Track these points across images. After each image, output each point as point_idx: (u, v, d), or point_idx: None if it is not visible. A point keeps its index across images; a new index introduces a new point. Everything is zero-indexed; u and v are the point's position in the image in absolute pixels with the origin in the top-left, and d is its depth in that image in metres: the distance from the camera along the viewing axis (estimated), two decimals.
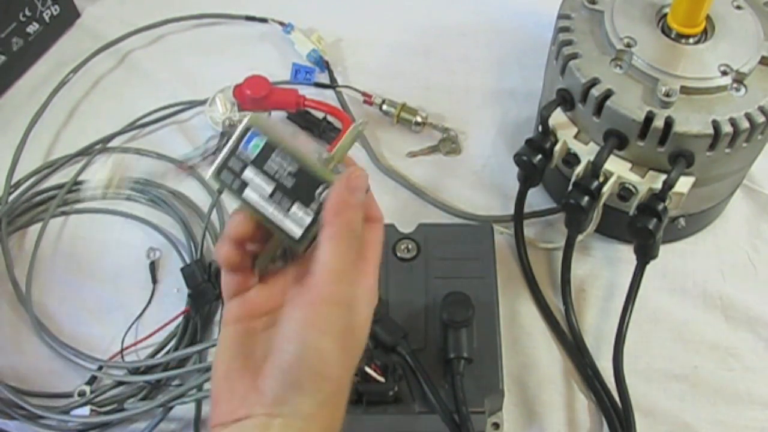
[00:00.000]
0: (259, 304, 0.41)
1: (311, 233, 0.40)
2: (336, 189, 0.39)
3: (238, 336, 0.41)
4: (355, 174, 0.40)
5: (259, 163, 0.40)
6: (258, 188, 0.40)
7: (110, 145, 0.79)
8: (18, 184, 0.76)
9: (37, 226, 0.74)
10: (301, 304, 0.38)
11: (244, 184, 0.40)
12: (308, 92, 0.78)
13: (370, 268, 0.42)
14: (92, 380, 0.64)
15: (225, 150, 0.41)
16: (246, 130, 0.41)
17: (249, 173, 0.40)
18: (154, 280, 0.70)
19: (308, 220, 0.40)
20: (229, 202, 0.74)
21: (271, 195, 0.40)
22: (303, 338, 0.37)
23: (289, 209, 0.40)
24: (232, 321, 0.41)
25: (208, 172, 0.41)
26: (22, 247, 0.73)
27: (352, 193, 0.39)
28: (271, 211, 0.40)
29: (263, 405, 0.37)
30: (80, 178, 0.77)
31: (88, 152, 0.78)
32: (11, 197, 0.75)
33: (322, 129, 0.77)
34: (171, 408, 0.62)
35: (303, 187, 0.40)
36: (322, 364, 0.38)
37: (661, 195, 0.57)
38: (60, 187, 0.75)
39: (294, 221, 0.40)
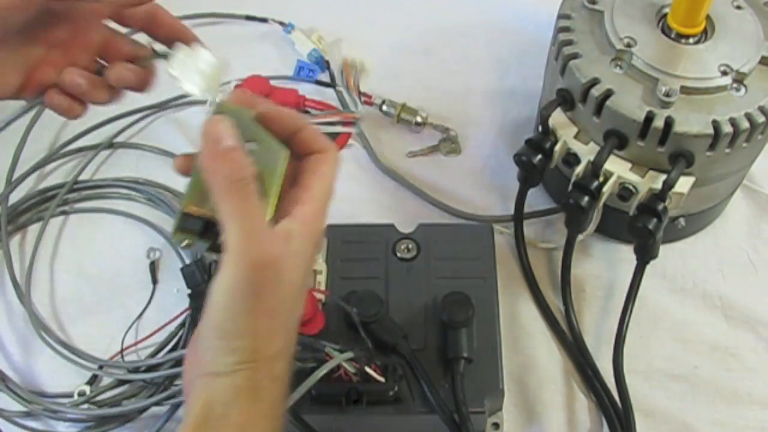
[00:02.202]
0: None
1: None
2: (202, 150, 0.38)
3: None
4: (211, 125, 0.39)
5: None
6: None
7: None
8: (18, 181, 0.76)
9: (38, 226, 0.74)
10: (220, 267, 0.38)
11: None
12: (308, 92, 0.78)
13: (308, 195, 0.40)
14: (92, 380, 0.64)
15: None
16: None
17: None
18: (154, 280, 0.70)
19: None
20: None
21: None
22: (215, 299, 0.37)
23: None
24: None
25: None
26: (22, 246, 0.73)
27: (216, 143, 0.38)
28: None
29: (196, 367, 0.39)
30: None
31: (90, 148, 0.79)
32: (11, 196, 0.75)
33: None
34: (178, 406, 0.62)
35: None
36: (230, 324, 0.38)
37: (661, 195, 0.57)
38: (60, 186, 0.75)
39: None
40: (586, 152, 0.61)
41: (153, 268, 0.70)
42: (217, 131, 0.38)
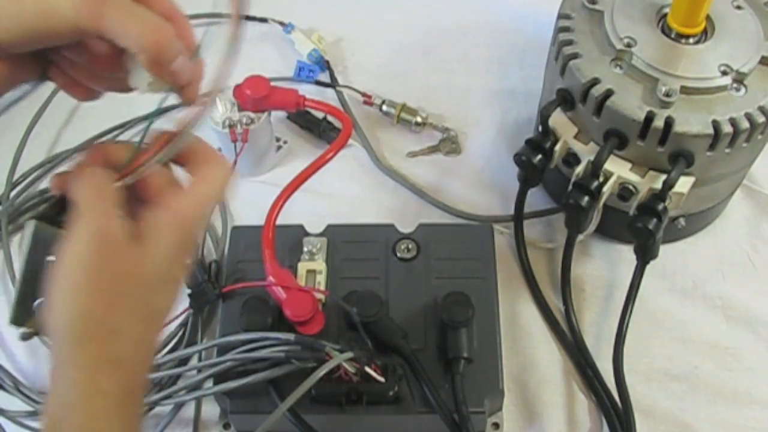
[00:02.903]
0: None
1: None
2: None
3: None
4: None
5: None
6: None
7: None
8: (18, 181, 0.76)
9: None
10: None
11: None
12: (308, 92, 0.78)
13: (187, 192, 0.40)
14: None
15: None
16: None
17: None
18: None
19: None
20: (230, 204, 0.74)
21: None
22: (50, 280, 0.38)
23: None
24: None
25: None
26: (23, 246, 0.73)
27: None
28: None
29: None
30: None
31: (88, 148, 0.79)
32: (12, 196, 0.75)
33: (322, 129, 0.78)
34: (181, 406, 0.62)
35: None
36: (54, 305, 0.37)
37: (661, 195, 0.57)
38: None
39: None
40: (586, 152, 0.61)
41: None
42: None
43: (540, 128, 0.62)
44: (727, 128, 0.56)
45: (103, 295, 0.37)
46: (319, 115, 0.78)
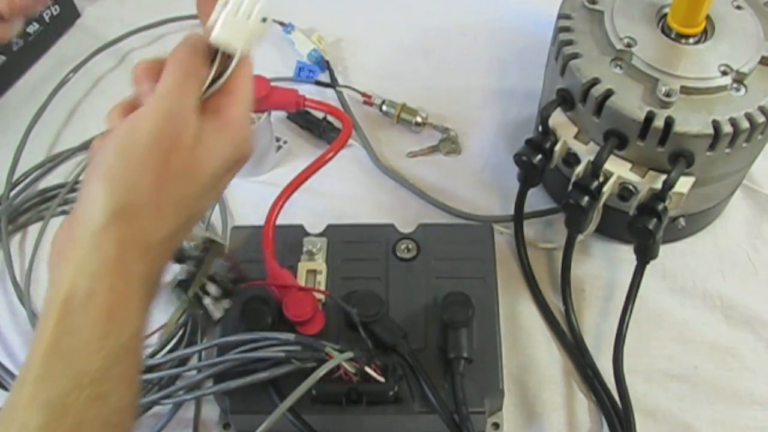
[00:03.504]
0: None
1: None
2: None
3: None
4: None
5: None
6: None
7: None
8: (18, 181, 0.76)
9: (38, 226, 0.74)
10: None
11: None
12: (308, 92, 0.78)
13: (234, 99, 0.41)
14: None
15: None
16: None
17: None
18: None
19: None
20: (230, 203, 0.74)
21: None
22: (100, 147, 0.37)
23: None
24: None
25: None
26: (22, 246, 0.73)
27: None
28: None
29: (61, 256, 0.37)
30: None
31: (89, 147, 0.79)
32: (11, 196, 0.75)
33: (322, 129, 0.78)
34: (180, 405, 0.62)
35: None
36: (115, 169, 0.37)
37: (661, 195, 0.57)
38: (61, 186, 0.75)
39: None
40: (586, 152, 0.61)
41: None
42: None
43: (540, 128, 0.62)
44: (727, 128, 0.56)
45: (160, 180, 0.37)
46: (319, 115, 0.78)
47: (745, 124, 0.56)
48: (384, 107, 0.79)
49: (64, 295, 0.35)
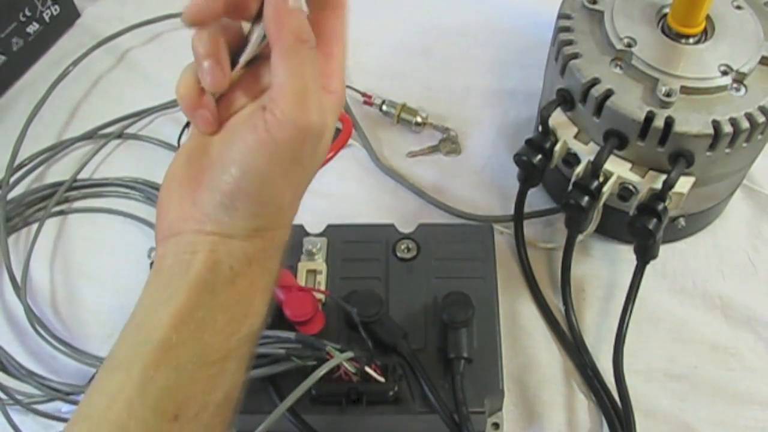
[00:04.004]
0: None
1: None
2: (267, 5, 0.36)
3: (194, 141, 0.39)
4: None
5: None
6: None
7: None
8: (18, 179, 0.76)
9: (36, 224, 0.74)
10: (254, 127, 0.36)
11: None
12: None
13: (336, 65, 0.39)
14: (92, 380, 0.64)
15: None
16: None
17: None
18: None
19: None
20: None
21: None
22: (249, 162, 0.36)
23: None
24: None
25: None
26: (22, 245, 0.73)
27: (284, 1, 0.35)
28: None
29: (197, 221, 0.36)
30: None
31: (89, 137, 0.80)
32: (10, 194, 0.75)
33: None
34: None
35: None
36: (261, 192, 0.36)
37: (661, 195, 0.57)
38: (60, 184, 0.76)
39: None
40: (586, 152, 0.61)
41: None
42: None
43: (540, 128, 0.62)
44: (727, 128, 0.56)
45: (292, 189, 0.38)
46: None
47: (745, 124, 0.56)
48: (384, 107, 0.79)
49: (204, 270, 0.36)
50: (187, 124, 0.42)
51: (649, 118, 0.56)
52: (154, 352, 0.35)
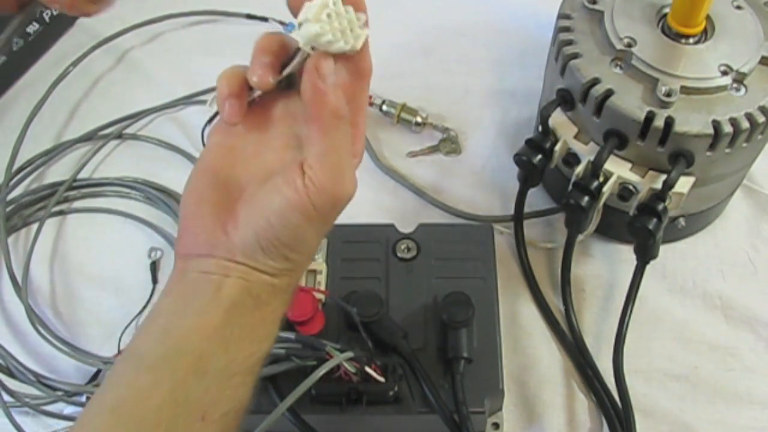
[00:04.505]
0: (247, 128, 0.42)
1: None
2: (308, 78, 0.38)
3: (219, 159, 0.41)
4: (320, 63, 0.38)
5: None
6: None
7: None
8: (19, 179, 0.76)
9: (36, 224, 0.74)
10: (294, 186, 0.38)
11: None
12: None
13: (360, 132, 0.43)
14: (93, 379, 0.64)
15: None
16: None
17: None
18: (155, 280, 0.70)
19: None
20: None
21: None
22: (287, 218, 0.39)
23: None
24: (218, 131, 0.43)
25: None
26: (22, 245, 0.73)
27: (324, 79, 0.38)
28: None
29: (228, 251, 0.39)
30: None
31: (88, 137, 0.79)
32: (10, 193, 0.75)
33: None
34: None
35: None
36: (295, 243, 0.40)
37: (661, 195, 0.57)
38: (60, 184, 0.76)
39: None
40: (586, 152, 0.61)
41: (154, 267, 0.71)
42: (326, 66, 0.38)
43: (540, 128, 0.62)
44: (727, 128, 0.56)
45: (318, 240, 0.42)
46: None
47: (745, 124, 0.56)
48: (384, 107, 0.79)
49: (236, 294, 0.39)
50: (210, 120, 0.43)
51: (649, 118, 0.56)
52: (186, 360, 0.38)
